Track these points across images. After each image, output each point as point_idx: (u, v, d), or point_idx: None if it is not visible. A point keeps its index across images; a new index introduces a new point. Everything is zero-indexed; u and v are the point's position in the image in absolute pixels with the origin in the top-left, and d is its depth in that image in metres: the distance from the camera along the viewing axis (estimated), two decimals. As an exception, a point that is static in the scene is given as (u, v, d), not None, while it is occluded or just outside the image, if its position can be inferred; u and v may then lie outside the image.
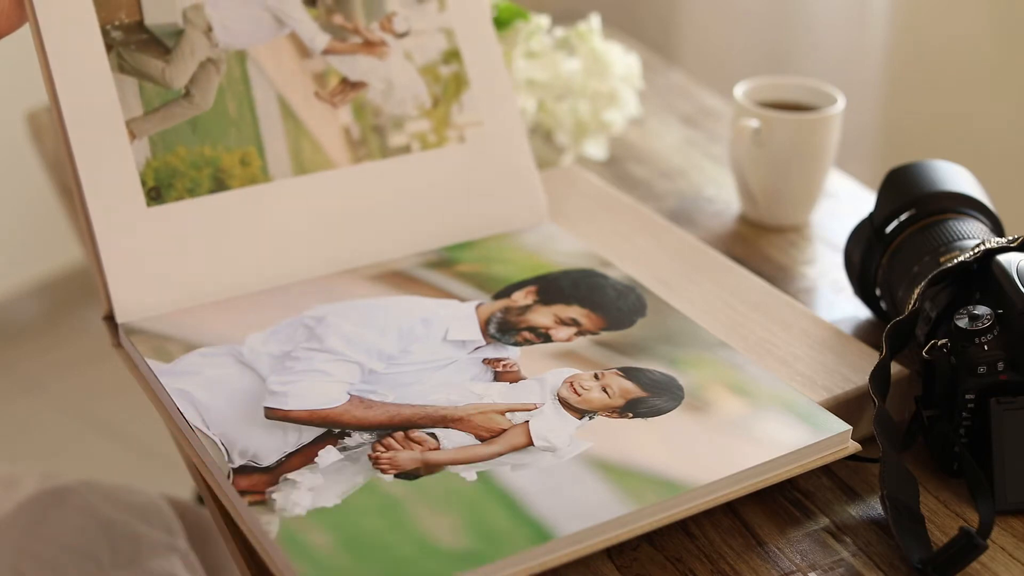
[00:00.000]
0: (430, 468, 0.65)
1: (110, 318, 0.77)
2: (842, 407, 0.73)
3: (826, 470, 0.72)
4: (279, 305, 0.78)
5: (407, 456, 0.66)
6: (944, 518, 0.68)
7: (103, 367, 2.15)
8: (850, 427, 0.69)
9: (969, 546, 0.62)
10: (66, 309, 2.32)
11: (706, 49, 2.07)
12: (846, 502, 0.70)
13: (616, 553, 0.66)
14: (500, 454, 0.66)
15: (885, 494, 0.66)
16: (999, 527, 0.67)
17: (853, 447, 0.69)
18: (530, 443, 0.67)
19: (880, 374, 0.70)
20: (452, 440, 0.67)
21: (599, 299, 0.79)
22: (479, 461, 0.66)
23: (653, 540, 0.67)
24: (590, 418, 0.69)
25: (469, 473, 0.65)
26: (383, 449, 0.66)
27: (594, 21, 1.10)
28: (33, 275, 2.32)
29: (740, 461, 0.66)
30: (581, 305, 0.79)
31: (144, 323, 0.76)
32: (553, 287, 0.81)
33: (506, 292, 0.80)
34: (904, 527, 0.65)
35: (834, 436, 0.68)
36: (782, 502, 0.70)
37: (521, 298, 0.79)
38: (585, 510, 0.62)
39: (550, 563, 0.61)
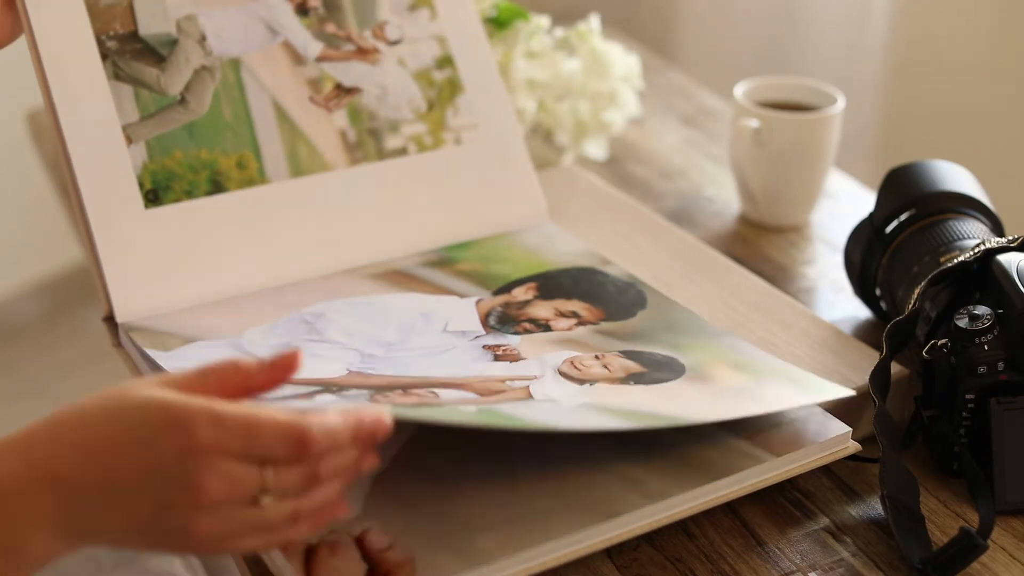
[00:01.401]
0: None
1: (110, 319, 0.77)
2: (842, 407, 0.73)
3: (826, 470, 0.72)
4: (278, 304, 0.79)
5: (405, 402, 0.66)
6: (944, 518, 0.68)
7: (103, 367, 2.15)
8: (849, 428, 0.69)
9: (969, 546, 0.63)
10: (66, 309, 2.32)
11: (706, 49, 2.07)
12: (846, 502, 0.70)
13: (616, 553, 0.66)
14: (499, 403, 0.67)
15: (885, 494, 0.66)
16: (999, 527, 0.67)
17: (853, 447, 0.69)
18: (530, 397, 0.67)
19: (880, 374, 0.70)
20: (451, 396, 0.67)
21: (599, 294, 0.80)
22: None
23: (653, 540, 0.67)
24: (591, 385, 0.69)
25: (468, 408, 0.65)
26: (381, 399, 0.66)
27: (594, 21, 1.10)
28: (33, 275, 2.32)
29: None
30: (581, 299, 0.79)
31: (144, 323, 0.76)
32: (553, 283, 0.81)
33: (506, 288, 0.80)
34: (904, 527, 0.65)
35: (834, 436, 0.68)
36: (782, 502, 0.70)
37: (521, 294, 0.80)
38: (586, 423, 0.64)
39: (550, 563, 0.61)
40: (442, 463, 0.66)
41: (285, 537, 0.53)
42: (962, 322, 0.69)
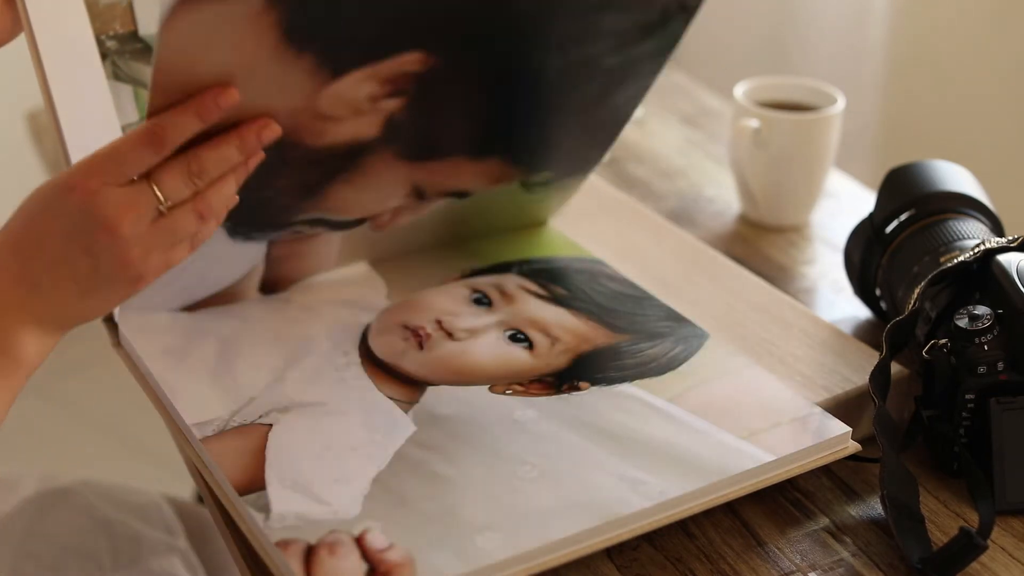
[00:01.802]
0: None
1: (110, 319, 0.77)
2: (842, 407, 0.73)
3: (826, 470, 0.72)
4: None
5: None
6: (944, 518, 0.68)
7: (103, 367, 2.15)
8: (849, 428, 0.69)
9: (969, 546, 0.63)
10: (66, 309, 2.32)
11: (706, 49, 2.07)
12: (846, 502, 0.70)
13: (616, 553, 0.66)
14: None
15: (885, 494, 0.66)
16: (999, 527, 0.67)
17: (853, 447, 0.69)
18: None
19: (880, 374, 0.70)
20: None
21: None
22: None
23: (653, 540, 0.67)
24: None
25: None
26: None
27: (594, 21, 1.10)
28: (33, 275, 2.32)
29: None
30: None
31: (144, 323, 0.76)
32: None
33: None
34: (904, 527, 0.65)
35: (834, 436, 0.68)
36: (782, 502, 0.70)
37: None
38: None
39: (550, 563, 0.61)
40: (442, 463, 0.66)
41: (203, 237, 0.62)
42: (962, 322, 0.69)
